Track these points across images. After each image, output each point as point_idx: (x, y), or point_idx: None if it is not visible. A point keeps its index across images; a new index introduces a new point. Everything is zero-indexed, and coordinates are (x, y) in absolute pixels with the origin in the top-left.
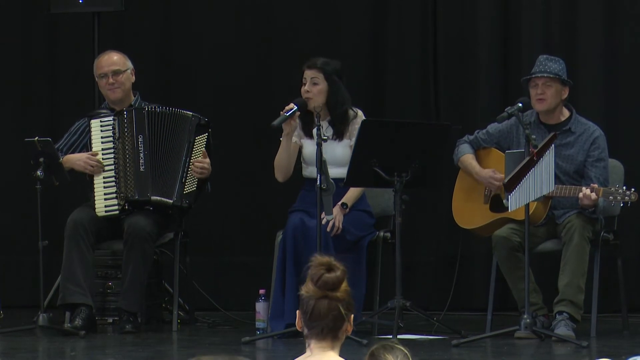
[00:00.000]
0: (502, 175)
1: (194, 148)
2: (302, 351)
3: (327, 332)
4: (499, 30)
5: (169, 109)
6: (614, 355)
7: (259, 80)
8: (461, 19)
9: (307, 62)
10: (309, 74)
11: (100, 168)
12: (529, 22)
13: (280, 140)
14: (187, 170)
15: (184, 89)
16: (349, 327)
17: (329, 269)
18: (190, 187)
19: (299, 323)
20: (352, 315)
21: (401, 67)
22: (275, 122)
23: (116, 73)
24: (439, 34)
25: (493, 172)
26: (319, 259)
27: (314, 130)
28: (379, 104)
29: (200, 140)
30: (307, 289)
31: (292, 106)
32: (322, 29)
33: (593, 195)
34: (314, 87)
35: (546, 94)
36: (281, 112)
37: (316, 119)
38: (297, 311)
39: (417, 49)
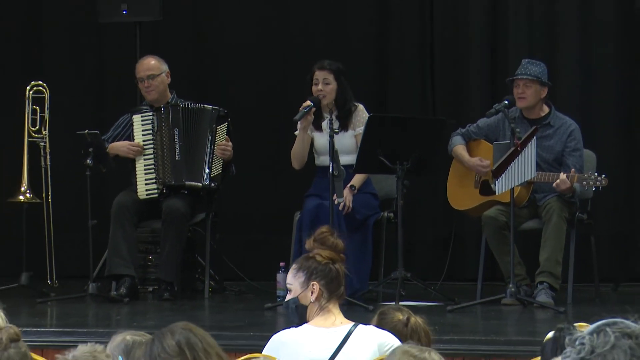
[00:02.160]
0: (488, 162)
1: (216, 136)
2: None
3: (340, 295)
4: (488, 36)
5: (192, 104)
6: (587, 319)
7: (277, 78)
8: (455, 25)
9: (317, 63)
10: (320, 74)
11: (140, 152)
12: (515, 28)
13: (295, 134)
14: (212, 156)
15: (214, 87)
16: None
17: (332, 233)
18: (216, 170)
19: (318, 295)
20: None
21: (402, 68)
22: (297, 117)
23: (151, 77)
24: (436, 39)
25: (479, 160)
26: (325, 228)
27: (323, 124)
28: (382, 101)
29: (222, 129)
30: (327, 255)
31: (309, 103)
32: (331, 34)
33: (569, 182)
34: (326, 86)
35: (526, 93)
36: (300, 109)
37: (329, 115)
38: (314, 284)
39: (415, 51)
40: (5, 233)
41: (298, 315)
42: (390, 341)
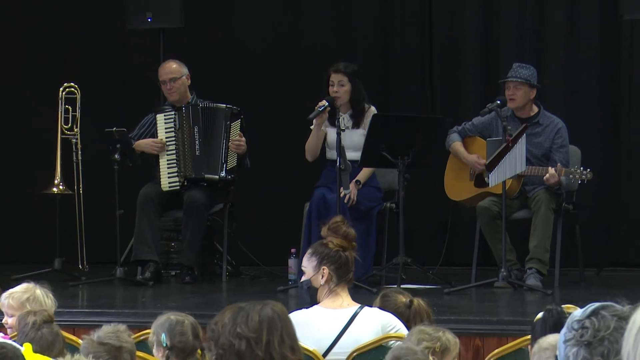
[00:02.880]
0: (484, 160)
1: (230, 132)
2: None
3: (349, 280)
4: (482, 41)
5: (211, 104)
6: (573, 301)
7: (290, 78)
8: (452, 32)
9: (333, 66)
10: (336, 77)
11: (163, 149)
12: (506, 34)
13: (310, 129)
14: (227, 150)
15: (230, 87)
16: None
17: (344, 223)
18: (231, 163)
19: (327, 279)
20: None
21: (403, 70)
22: (312, 115)
23: (173, 80)
24: (434, 45)
25: (478, 157)
26: (338, 218)
27: (337, 121)
28: (385, 100)
29: (235, 125)
30: (338, 243)
31: (324, 102)
32: (338, 38)
33: (557, 175)
34: (341, 88)
35: (516, 95)
36: (315, 108)
37: (337, 114)
38: (324, 269)
39: (416, 56)
40: (40, 222)
41: (310, 295)
42: (393, 322)
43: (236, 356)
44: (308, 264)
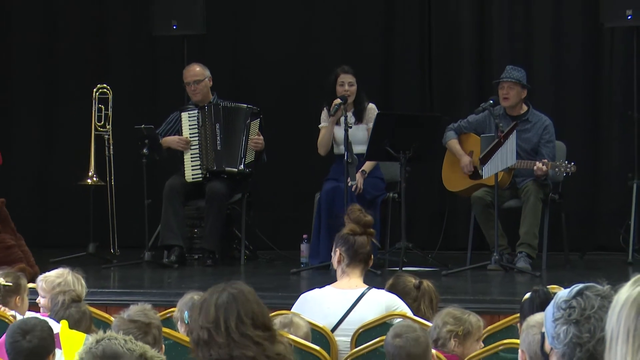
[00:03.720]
0: (472, 168)
1: (250, 130)
2: (331, 279)
3: (362, 262)
4: (477, 45)
5: (232, 104)
6: (559, 282)
7: (300, 80)
8: (449, 36)
9: (340, 68)
10: (345, 77)
11: (188, 145)
12: (498, 39)
13: (319, 127)
14: (247, 146)
15: (248, 88)
16: (370, 262)
17: (362, 212)
18: (250, 158)
19: (338, 259)
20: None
21: (404, 72)
22: (332, 112)
23: (196, 82)
24: (433, 48)
25: (469, 162)
26: (355, 207)
27: (342, 119)
28: (388, 99)
29: (255, 124)
30: (350, 228)
31: (339, 101)
32: (344, 44)
33: (544, 168)
34: (351, 87)
35: (510, 94)
36: (332, 105)
37: (344, 112)
38: (337, 250)
39: (416, 57)
40: (75, 210)
41: None
42: (397, 303)
43: (205, 345)
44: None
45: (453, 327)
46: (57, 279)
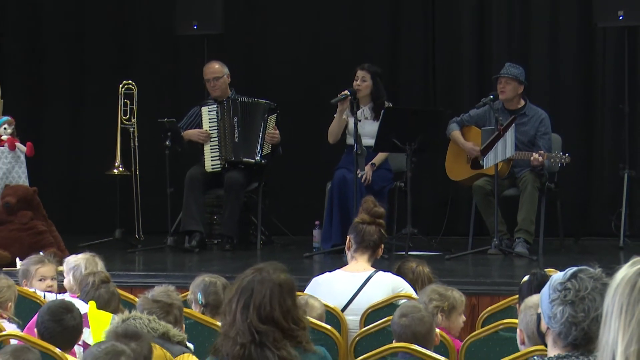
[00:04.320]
0: (479, 147)
1: (267, 124)
2: (342, 263)
3: (370, 248)
4: (478, 43)
5: (250, 99)
6: (554, 266)
7: (313, 77)
8: (452, 35)
9: (361, 65)
10: (360, 73)
11: (208, 138)
12: (497, 38)
13: (334, 117)
14: (264, 139)
15: (263, 85)
16: (380, 250)
17: (375, 204)
18: (266, 150)
19: (348, 245)
20: (382, 244)
21: (410, 69)
22: (333, 100)
23: (216, 78)
24: (436, 47)
25: (473, 145)
26: (369, 199)
27: (359, 112)
28: (395, 94)
29: (272, 119)
30: (361, 217)
31: (346, 92)
32: (354, 43)
33: (540, 159)
34: (363, 82)
35: (506, 88)
36: (338, 95)
37: (359, 106)
38: (348, 237)
39: (421, 55)
40: (103, 198)
41: None
42: (403, 285)
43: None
44: None
45: (439, 303)
46: (76, 261)
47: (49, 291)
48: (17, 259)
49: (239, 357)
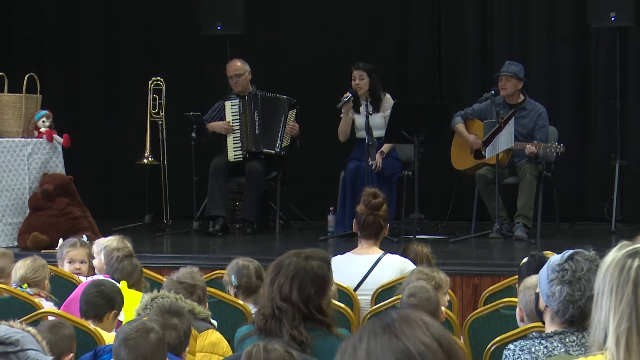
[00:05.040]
0: (481, 140)
1: (287, 118)
2: (354, 246)
3: (372, 235)
4: (480, 42)
5: (272, 94)
6: (551, 248)
7: (327, 73)
8: (456, 36)
9: (355, 65)
10: (357, 73)
11: (231, 130)
12: (499, 37)
13: (341, 117)
14: (284, 132)
15: (283, 81)
16: (385, 231)
17: (375, 196)
18: (285, 142)
19: (354, 228)
20: (388, 224)
21: (417, 66)
22: (339, 105)
23: (238, 75)
24: (442, 46)
25: (475, 137)
26: (368, 190)
27: (361, 108)
28: (403, 89)
29: (292, 113)
30: (360, 208)
31: (348, 94)
32: (366, 42)
33: (534, 149)
34: (361, 81)
35: (506, 85)
36: (342, 98)
37: (365, 102)
38: (354, 220)
39: (427, 53)
40: (133, 186)
41: None
42: (410, 267)
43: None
44: None
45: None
46: (105, 243)
47: (77, 273)
48: (60, 240)
49: (261, 328)
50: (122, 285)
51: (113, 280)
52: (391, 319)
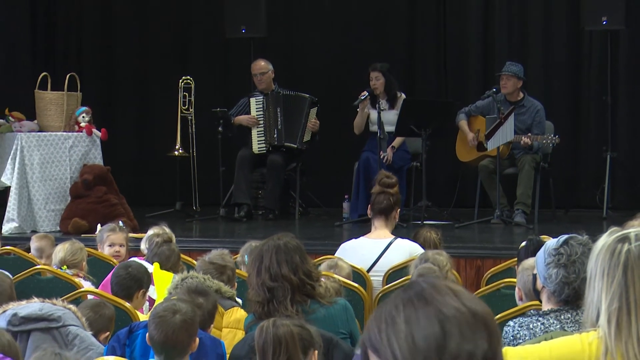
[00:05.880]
0: (476, 141)
1: (309, 115)
2: (367, 230)
3: (383, 213)
4: (483, 44)
5: (294, 92)
6: (548, 233)
7: (343, 72)
8: (460, 38)
9: (371, 66)
10: (373, 74)
11: (256, 123)
12: (500, 39)
13: (357, 111)
14: (305, 128)
15: (302, 79)
16: (395, 214)
17: (388, 177)
18: (306, 137)
19: (369, 212)
20: (398, 209)
21: (425, 66)
22: (356, 102)
23: (262, 74)
24: (448, 47)
25: (473, 137)
26: (383, 172)
27: (377, 105)
28: (412, 87)
29: (313, 111)
30: (374, 189)
31: (365, 92)
32: (378, 45)
33: (527, 141)
34: (377, 81)
35: (507, 84)
36: (359, 97)
37: (378, 100)
38: (369, 205)
39: (434, 54)
40: (165, 176)
41: None
42: (418, 250)
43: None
44: None
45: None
46: (155, 231)
47: (116, 256)
48: (98, 226)
49: (261, 314)
50: (155, 266)
51: (140, 261)
52: (421, 287)
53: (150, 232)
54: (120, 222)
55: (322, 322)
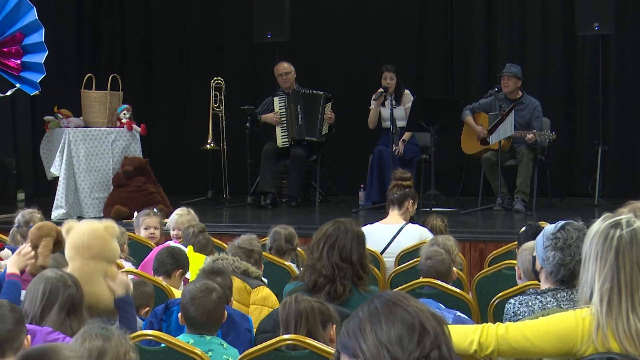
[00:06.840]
0: (486, 130)
1: (325, 110)
2: (380, 217)
3: (395, 202)
4: (486, 47)
5: (311, 91)
6: (545, 219)
7: (358, 72)
8: (466, 41)
9: (385, 67)
10: (387, 74)
11: (279, 120)
12: (501, 41)
13: (369, 108)
14: (322, 122)
15: (322, 79)
16: (408, 205)
17: (403, 172)
18: (324, 130)
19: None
20: (413, 203)
21: (433, 66)
22: (374, 97)
23: (286, 74)
24: (454, 48)
25: (482, 128)
26: (398, 169)
27: (386, 102)
28: (421, 85)
29: (328, 106)
30: (391, 183)
31: (381, 90)
32: (390, 48)
33: (532, 136)
34: (391, 81)
35: (508, 84)
36: (376, 92)
37: (390, 97)
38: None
39: (441, 57)
40: (198, 167)
41: None
42: (427, 234)
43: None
44: None
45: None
46: (180, 211)
47: (151, 238)
48: (135, 212)
49: (310, 286)
50: (189, 249)
51: (181, 247)
52: (384, 298)
53: (175, 214)
54: (154, 208)
55: (353, 306)
